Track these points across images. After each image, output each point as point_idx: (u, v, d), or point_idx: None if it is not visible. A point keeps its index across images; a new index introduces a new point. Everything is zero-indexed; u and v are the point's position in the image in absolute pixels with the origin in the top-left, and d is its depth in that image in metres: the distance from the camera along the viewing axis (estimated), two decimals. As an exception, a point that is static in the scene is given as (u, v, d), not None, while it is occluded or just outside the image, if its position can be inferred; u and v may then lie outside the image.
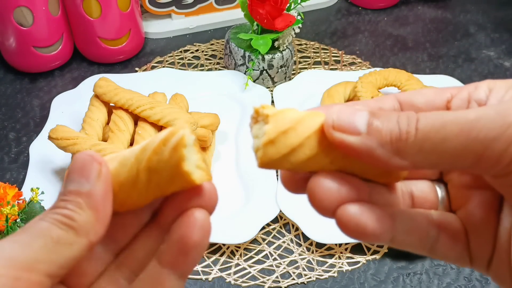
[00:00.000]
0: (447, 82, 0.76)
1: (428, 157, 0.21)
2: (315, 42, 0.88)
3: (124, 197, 0.24)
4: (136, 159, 0.24)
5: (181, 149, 0.23)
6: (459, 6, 0.98)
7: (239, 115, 0.72)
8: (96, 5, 0.74)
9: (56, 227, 0.22)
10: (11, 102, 0.75)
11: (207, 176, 0.24)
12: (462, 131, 0.21)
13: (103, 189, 0.23)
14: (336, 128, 0.22)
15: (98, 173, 0.23)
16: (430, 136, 0.21)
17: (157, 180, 0.23)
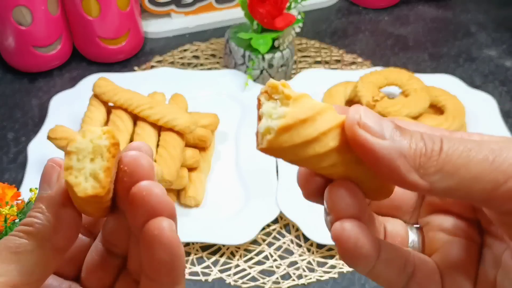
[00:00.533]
0: (448, 81, 0.76)
1: (447, 180, 0.21)
2: (315, 42, 0.87)
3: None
4: None
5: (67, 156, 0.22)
6: (460, 6, 0.98)
7: (239, 115, 0.71)
8: (95, 4, 0.74)
9: (15, 237, 0.22)
10: (10, 102, 0.75)
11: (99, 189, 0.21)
12: (486, 159, 0.20)
13: (62, 192, 0.23)
14: (361, 126, 0.21)
15: (58, 177, 0.23)
16: (452, 159, 0.21)
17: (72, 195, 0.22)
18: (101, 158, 0.22)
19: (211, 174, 0.64)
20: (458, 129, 0.68)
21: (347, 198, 0.22)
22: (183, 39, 0.87)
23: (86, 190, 0.21)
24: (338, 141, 0.21)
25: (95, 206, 0.23)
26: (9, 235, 0.23)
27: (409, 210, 0.27)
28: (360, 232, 0.22)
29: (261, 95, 0.22)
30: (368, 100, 0.67)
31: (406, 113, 0.66)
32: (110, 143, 0.22)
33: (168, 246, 0.21)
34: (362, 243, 0.22)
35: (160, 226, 0.21)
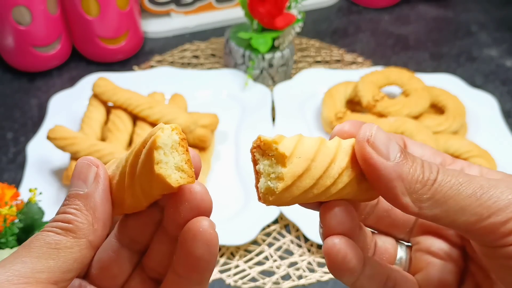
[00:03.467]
0: (449, 81, 0.76)
1: (435, 208, 0.23)
2: (315, 41, 0.87)
3: (121, 200, 0.24)
4: (126, 161, 0.24)
5: (153, 151, 0.22)
6: (460, 5, 0.98)
7: (239, 115, 0.71)
8: (94, 4, 0.74)
9: (53, 233, 0.23)
10: (9, 102, 0.75)
11: (188, 178, 0.23)
12: (474, 194, 0.23)
13: (101, 190, 0.24)
14: (370, 144, 0.23)
15: (95, 176, 0.24)
16: (443, 190, 0.23)
17: (140, 184, 0.23)
18: (177, 152, 0.23)
19: (211, 174, 0.64)
20: (459, 129, 0.67)
21: (340, 217, 0.24)
22: (182, 39, 0.87)
23: (178, 181, 0.23)
24: (333, 178, 0.23)
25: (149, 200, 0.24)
26: (45, 230, 0.23)
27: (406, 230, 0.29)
28: (349, 248, 0.24)
29: (255, 151, 0.24)
30: (369, 100, 0.67)
31: (406, 112, 0.66)
32: (180, 138, 0.23)
33: (210, 243, 0.23)
34: (349, 259, 0.24)
35: (204, 224, 0.23)
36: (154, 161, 0.22)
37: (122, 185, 0.24)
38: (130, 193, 0.24)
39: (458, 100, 0.69)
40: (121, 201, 0.24)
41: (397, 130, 0.63)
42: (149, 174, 0.23)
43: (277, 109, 0.70)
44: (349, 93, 0.70)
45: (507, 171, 0.66)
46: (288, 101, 0.72)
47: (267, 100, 0.71)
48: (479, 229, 0.23)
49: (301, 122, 0.70)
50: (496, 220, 0.22)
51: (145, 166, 0.23)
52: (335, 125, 0.68)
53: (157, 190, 0.23)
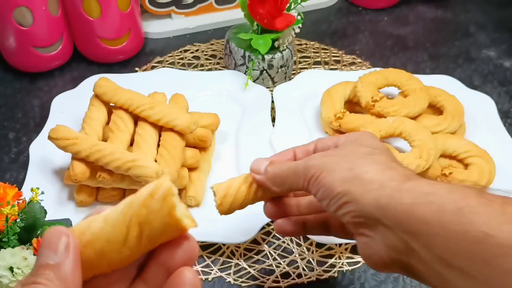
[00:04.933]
0: (447, 82, 0.76)
1: (280, 185, 0.45)
2: (315, 42, 0.88)
3: (112, 256, 0.25)
4: (123, 215, 0.24)
5: (171, 197, 0.24)
6: (459, 6, 0.98)
7: (239, 115, 0.72)
8: (96, 5, 0.74)
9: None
10: (11, 102, 0.75)
11: (193, 223, 0.26)
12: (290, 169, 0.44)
13: (72, 259, 0.24)
14: (252, 170, 0.46)
15: (66, 245, 0.24)
16: (277, 175, 0.45)
17: (149, 232, 0.24)
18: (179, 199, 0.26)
19: (211, 174, 0.65)
20: (457, 129, 0.68)
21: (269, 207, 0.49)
22: (183, 40, 0.87)
23: (189, 224, 0.26)
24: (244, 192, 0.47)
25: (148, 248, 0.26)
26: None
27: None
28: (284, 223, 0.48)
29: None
30: (368, 100, 0.67)
31: (405, 113, 0.66)
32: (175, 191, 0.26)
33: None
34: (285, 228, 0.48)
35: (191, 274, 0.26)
36: (174, 207, 0.24)
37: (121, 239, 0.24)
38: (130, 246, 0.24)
39: (456, 100, 0.70)
40: (111, 260, 0.25)
41: (396, 130, 0.64)
42: (164, 220, 0.24)
43: (277, 109, 0.70)
44: (348, 94, 0.71)
45: (505, 171, 0.66)
46: (287, 102, 0.72)
47: (267, 101, 0.72)
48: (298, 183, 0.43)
49: (300, 122, 0.70)
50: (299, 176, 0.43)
51: (160, 213, 0.24)
52: (335, 125, 0.69)
53: (166, 237, 0.25)
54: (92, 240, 0.24)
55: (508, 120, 0.75)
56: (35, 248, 0.48)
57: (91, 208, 0.61)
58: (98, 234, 0.24)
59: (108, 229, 0.24)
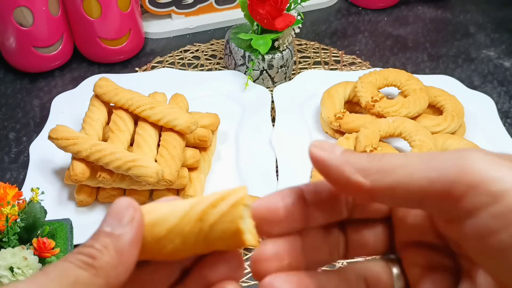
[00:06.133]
0: (447, 82, 0.76)
1: (386, 177, 0.22)
2: (315, 42, 0.88)
3: (167, 245, 0.24)
4: (191, 208, 0.24)
5: (241, 206, 0.24)
6: (459, 6, 0.98)
7: (239, 115, 0.72)
8: (96, 5, 0.74)
9: (75, 266, 0.22)
10: (11, 102, 0.75)
11: (256, 242, 0.25)
12: (422, 158, 0.22)
13: (133, 234, 0.23)
14: (316, 146, 0.24)
15: (131, 218, 0.24)
16: (392, 161, 0.23)
17: (208, 233, 0.24)
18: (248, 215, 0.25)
19: (211, 174, 0.65)
20: (457, 129, 0.68)
21: None
22: (183, 40, 0.87)
23: (250, 240, 0.24)
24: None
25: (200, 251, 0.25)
26: (67, 260, 0.23)
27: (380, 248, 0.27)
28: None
29: None
30: (368, 100, 0.68)
31: (405, 113, 0.66)
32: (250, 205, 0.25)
33: None
34: None
35: None
36: (241, 216, 0.23)
37: (180, 229, 0.24)
38: (186, 240, 0.24)
39: (456, 100, 0.70)
40: (164, 246, 0.24)
41: (396, 130, 0.64)
42: (227, 226, 0.24)
43: (277, 109, 0.70)
44: (348, 94, 0.71)
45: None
46: (288, 102, 0.72)
47: (267, 101, 0.72)
48: (432, 195, 0.21)
49: (300, 122, 0.70)
50: (445, 179, 0.21)
51: (226, 217, 0.23)
52: (335, 125, 0.69)
53: (222, 245, 0.24)
54: (155, 223, 0.24)
55: (508, 120, 0.75)
56: (35, 248, 0.48)
57: (91, 208, 0.61)
58: (161, 219, 0.24)
59: (172, 217, 0.24)
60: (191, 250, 0.24)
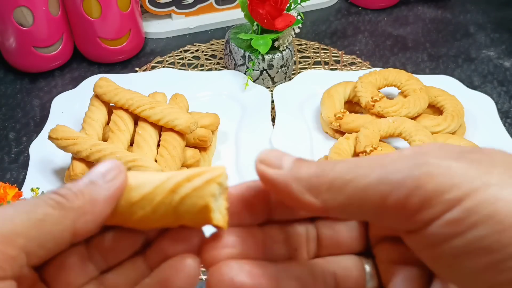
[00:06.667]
0: (447, 82, 0.76)
1: (337, 196, 0.21)
2: (315, 42, 0.88)
3: (138, 212, 0.24)
4: (168, 179, 0.24)
5: (214, 184, 0.24)
6: (459, 6, 0.98)
7: (239, 115, 0.72)
8: (96, 5, 0.74)
9: (46, 204, 0.22)
10: (11, 102, 0.75)
11: (224, 223, 0.24)
12: (373, 171, 0.20)
13: (112, 191, 0.23)
14: (262, 162, 0.23)
15: (115, 176, 0.24)
16: (341, 175, 0.21)
17: (178, 205, 0.24)
18: (222, 196, 0.25)
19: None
20: (457, 129, 0.68)
21: None
22: (183, 40, 0.87)
23: (218, 220, 0.24)
24: None
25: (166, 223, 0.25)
26: (42, 198, 0.22)
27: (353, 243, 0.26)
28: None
29: None
30: (368, 100, 0.68)
31: (405, 113, 0.66)
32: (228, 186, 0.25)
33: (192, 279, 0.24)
34: None
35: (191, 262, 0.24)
36: (212, 194, 0.23)
37: (152, 197, 0.24)
38: (156, 209, 0.24)
39: (456, 100, 0.70)
40: (133, 213, 0.24)
41: (396, 130, 0.64)
42: (197, 202, 0.23)
43: (277, 109, 0.70)
44: (348, 94, 0.71)
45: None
46: (288, 102, 0.72)
47: (267, 101, 0.72)
48: (386, 209, 0.20)
49: (300, 122, 0.70)
50: (399, 194, 0.19)
51: (197, 192, 0.23)
52: (335, 125, 0.69)
53: (190, 220, 0.24)
54: (131, 188, 0.24)
55: (508, 120, 0.75)
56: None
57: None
58: (138, 186, 0.24)
59: (148, 185, 0.24)
60: (160, 221, 0.24)
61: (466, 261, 0.19)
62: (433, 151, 0.20)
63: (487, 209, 0.18)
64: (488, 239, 0.18)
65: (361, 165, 0.21)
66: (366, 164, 0.21)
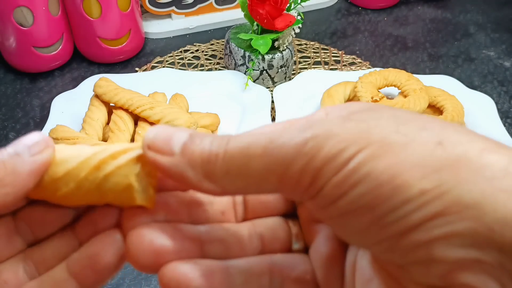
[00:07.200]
0: (447, 82, 0.76)
1: (235, 181, 0.20)
2: (315, 42, 0.88)
3: (61, 188, 0.23)
4: (94, 155, 0.23)
5: (138, 163, 0.23)
6: (459, 6, 0.98)
7: (239, 115, 0.72)
8: (96, 5, 0.74)
9: None
10: (11, 102, 0.75)
11: (149, 203, 0.23)
12: (265, 151, 0.20)
13: (36, 165, 0.22)
14: (151, 148, 0.22)
15: (41, 150, 0.23)
16: (236, 158, 0.20)
17: (100, 182, 0.23)
18: (149, 175, 0.23)
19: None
20: (457, 129, 0.68)
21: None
22: (183, 40, 0.87)
23: (142, 201, 0.23)
24: None
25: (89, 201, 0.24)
26: None
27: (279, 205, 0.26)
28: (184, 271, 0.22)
29: None
30: (368, 100, 0.68)
31: (405, 113, 0.66)
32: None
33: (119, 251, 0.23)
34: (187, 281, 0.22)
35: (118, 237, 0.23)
36: (135, 172, 0.22)
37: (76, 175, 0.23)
38: (80, 187, 0.23)
39: (456, 100, 0.70)
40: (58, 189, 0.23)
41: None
42: (120, 180, 0.22)
43: (277, 109, 0.70)
44: (348, 94, 0.71)
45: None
46: (288, 102, 0.72)
47: (267, 101, 0.72)
48: (283, 187, 0.20)
49: (300, 122, 0.70)
50: (292, 173, 0.19)
51: (121, 171, 0.22)
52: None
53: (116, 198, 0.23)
54: (56, 163, 0.23)
55: (508, 120, 0.75)
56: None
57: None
58: (63, 161, 0.23)
59: (73, 161, 0.23)
60: (84, 198, 0.23)
61: (352, 219, 0.19)
62: (320, 120, 0.20)
63: (365, 167, 0.18)
64: (367, 196, 0.18)
65: (253, 145, 0.20)
66: (258, 143, 0.20)
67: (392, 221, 0.18)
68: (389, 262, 0.19)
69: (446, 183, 0.17)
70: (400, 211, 0.18)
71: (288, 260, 0.24)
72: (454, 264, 0.17)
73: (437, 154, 0.18)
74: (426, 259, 0.18)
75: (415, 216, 0.17)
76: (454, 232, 0.17)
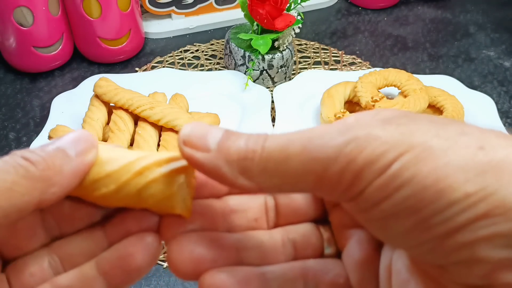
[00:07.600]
0: (447, 82, 0.76)
1: (272, 178, 0.20)
2: (315, 42, 0.88)
3: (100, 189, 0.23)
4: (137, 160, 0.23)
5: (182, 174, 0.23)
6: (459, 6, 0.98)
7: (239, 115, 0.72)
8: (96, 5, 0.74)
9: (15, 172, 0.21)
10: (11, 102, 0.75)
11: (187, 212, 0.24)
12: (304, 150, 0.20)
13: (81, 165, 0.22)
14: (186, 144, 0.22)
15: (87, 149, 0.23)
16: (274, 155, 0.20)
17: (142, 188, 0.23)
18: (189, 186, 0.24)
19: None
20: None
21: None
22: (183, 40, 0.87)
23: (182, 210, 0.23)
24: None
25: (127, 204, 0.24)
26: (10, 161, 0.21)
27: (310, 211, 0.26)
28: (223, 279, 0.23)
29: None
30: (368, 100, 0.68)
31: (405, 113, 0.66)
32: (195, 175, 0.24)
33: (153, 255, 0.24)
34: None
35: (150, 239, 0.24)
36: (177, 182, 0.23)
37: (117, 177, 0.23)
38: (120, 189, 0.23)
39: (456, 100, 0.70)
40: (96, 189, 0.23)
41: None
42: (161, 188, 0.23)
43: (277, 109, 0.70)
44: (348, 93, 0.71)
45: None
46: (287, 102, 0.72)
47: (267, 101, 0.72)
48: (322, 187, 0.20)
49: (300, 122, 0.70)
50: (333, 172, 0.19)
51: (163, 179, 0.23)
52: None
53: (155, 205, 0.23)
54: (98, 163, 0.23)
55: (508, 120, 0.75)
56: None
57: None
58: (105, 162, 0.23)
59: (115, 163, 0.23)
60: (121, 201, 0.23)
61: (395, 222, 0.19)
62: (360, 123, 0.20)
63: (409, 170, 0.18)
64: (411, 199, 0.18)
65: (292, 139, 0.20)
66: (298, 142, 0.20)
67: (437, 223, 0.18)
68: (429, 263, 0.20)
69: (490, 186, 0.18)
70: (445, 213, 0.18)
71: (321, 265, 0.25)
72: (497, 264, 0.18)
73: (479, 158, 0.18)
74: (469, 259, 0.18)
75: (460, 218, 0.18)
76: (498, 233, 0.17)
